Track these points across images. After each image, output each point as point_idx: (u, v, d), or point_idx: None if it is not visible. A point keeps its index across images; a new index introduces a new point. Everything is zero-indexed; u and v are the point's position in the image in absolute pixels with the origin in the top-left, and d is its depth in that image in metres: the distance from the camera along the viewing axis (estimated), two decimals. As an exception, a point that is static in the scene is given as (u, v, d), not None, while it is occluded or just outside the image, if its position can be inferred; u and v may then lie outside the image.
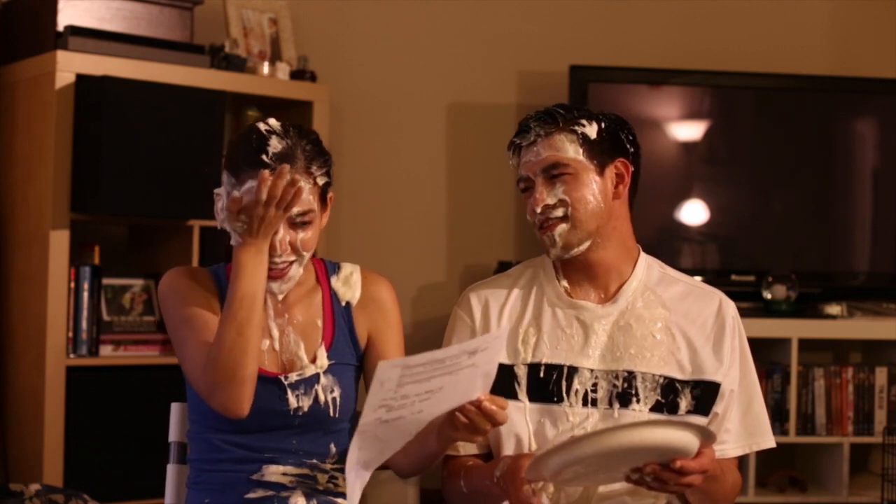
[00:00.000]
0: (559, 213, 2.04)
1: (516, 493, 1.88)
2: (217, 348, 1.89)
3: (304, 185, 1.93)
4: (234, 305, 1.89)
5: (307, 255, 1.99)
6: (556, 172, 2.04)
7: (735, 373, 2.08)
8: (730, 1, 4.49)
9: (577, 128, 2.06)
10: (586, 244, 2.06)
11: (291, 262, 1.97)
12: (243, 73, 3.65)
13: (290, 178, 1.88)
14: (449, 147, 4.30)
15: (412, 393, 1.68)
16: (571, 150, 2.05)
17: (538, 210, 2.05)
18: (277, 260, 1.95)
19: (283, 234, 1.94)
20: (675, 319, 2.08)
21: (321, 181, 1.97)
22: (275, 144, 1.93)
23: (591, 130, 2.06)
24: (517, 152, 2.11)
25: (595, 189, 2.06)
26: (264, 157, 1.92)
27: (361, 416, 1.69)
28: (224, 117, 3.48)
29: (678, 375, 2.05)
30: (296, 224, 1.95)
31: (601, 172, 2.07)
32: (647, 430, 1.79)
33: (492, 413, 1.78)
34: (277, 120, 1.99)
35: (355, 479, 1.79)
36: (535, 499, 1.86)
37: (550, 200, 2.04)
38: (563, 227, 2.04)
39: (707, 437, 1.84)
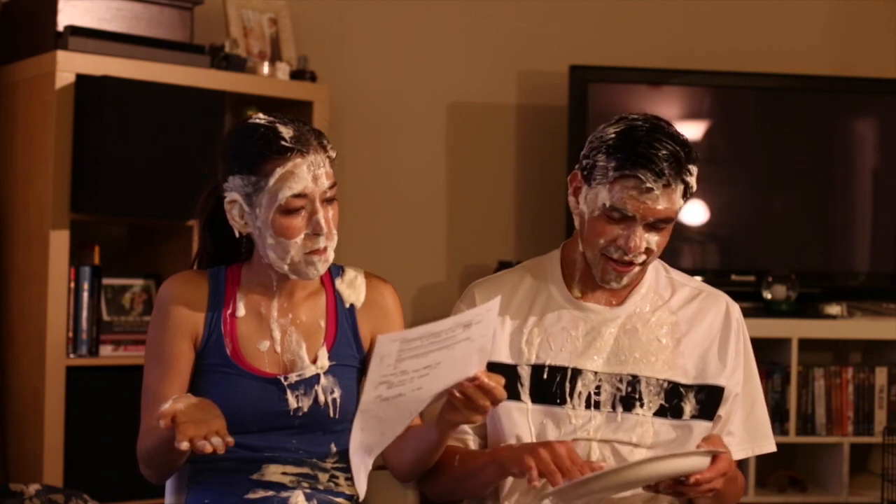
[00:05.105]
0: (642, 259, 1.99)
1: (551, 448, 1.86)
2: (141, 440, 1.96)
3: (324, 160, 1.95)
4: (158, 445, 1.89)
5: (336, 234, 1.98)
6: (662, 226, 1.98)
7: (739, 376, 2.08)
8: (730, 1, 4.49)
9: (687, 177, 1.96)
10: None
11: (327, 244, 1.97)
12: (243, 73, 3.64)
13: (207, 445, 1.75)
14: (449, 147, 4.30)
15: (411, 368, 1.69)
16: (679, 203, 1.98)
17: (629, 255, 1.97)
18: (320, 240, 1.95)
19: (323, 212, 1.94)
20: (681, 324, 2.07)
21: (333, 153, 1.98)
22: (284, 130, 1.95)
23: (693, 180, 1.98)
24: (619, 178, 1.94)
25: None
26: (283, 142, 1.93)
27: (363, 394, 1.70)
28: (224, 117, 3.47)
29: (682, 380, 2.05)
30: (327, 199, 1.96)
31: None
32: (656, 464, 1.80)
33: (490, 388, 1.78)
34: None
35: (359, 464, 1.79)
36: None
37: (643, 247, 1.98)
38: (636, 269, 2.01)
39: (715, 456, 1.87)
